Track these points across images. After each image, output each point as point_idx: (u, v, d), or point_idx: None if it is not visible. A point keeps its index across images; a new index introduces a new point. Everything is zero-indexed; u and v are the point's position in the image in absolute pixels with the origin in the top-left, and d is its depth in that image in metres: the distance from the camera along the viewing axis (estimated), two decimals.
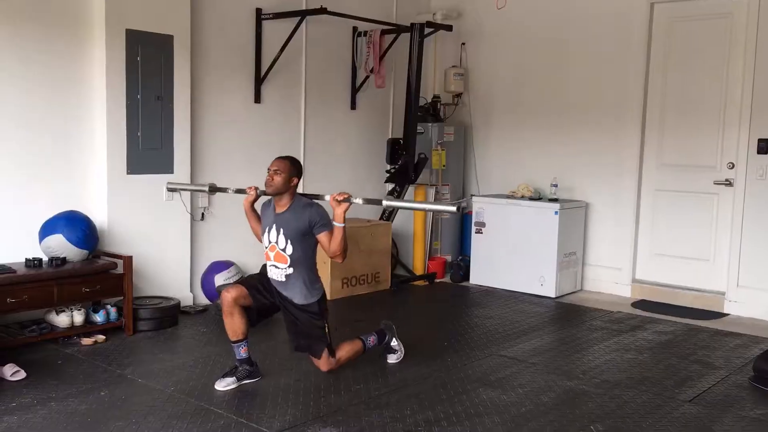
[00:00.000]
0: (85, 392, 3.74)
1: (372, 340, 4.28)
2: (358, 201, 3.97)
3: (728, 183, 5.87)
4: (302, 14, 5.90)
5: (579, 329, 5.32)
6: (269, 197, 4.06)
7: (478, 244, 6.70)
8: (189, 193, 5.41)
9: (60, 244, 4.54)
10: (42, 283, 4.38)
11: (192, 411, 3.54)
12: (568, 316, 5.77)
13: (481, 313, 5.78)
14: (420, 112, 6.77)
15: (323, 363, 4.02)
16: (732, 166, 5.85)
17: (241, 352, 3.96)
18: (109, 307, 4.74)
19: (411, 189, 6.69)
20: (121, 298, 4.75)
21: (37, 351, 4.35)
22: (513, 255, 6.44)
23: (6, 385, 3.80)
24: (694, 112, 6.04)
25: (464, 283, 6.78)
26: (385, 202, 4.19)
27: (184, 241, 5.47)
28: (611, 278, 6.49)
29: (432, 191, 6.89)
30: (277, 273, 3.97)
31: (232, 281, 5.53)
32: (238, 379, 3.92)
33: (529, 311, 5.81)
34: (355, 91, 6.80)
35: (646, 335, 5.15)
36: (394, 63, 6.98)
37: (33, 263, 4.47)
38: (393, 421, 3.48)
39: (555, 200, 6.40)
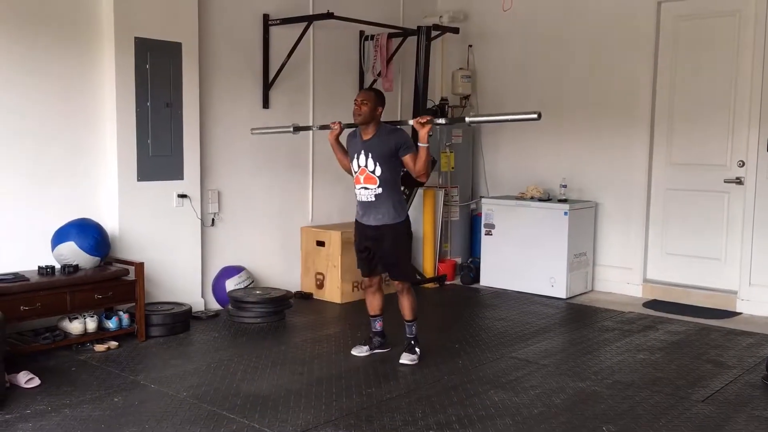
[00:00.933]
0: (98, 398, 3.77)
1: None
2: (441, 121, 4.46)
3: (739, 181, 5.85)
4: (309, 19, 5.92)
5: (590, 330, 5.31)
6: (352, 129, 4.47)
7: (488, 245, 6.69)
8: (199, 198, 5.45)
9: (72, 252, 4.57)
10: (55, 290, 4.41)
11: (205, 416, 3.55)
12: (579, 317, 5.75)
13: (492, 314, 5.77)
14: (428, 114, 6.77)
15: (406, 286, 4.46)
16: (742, 164, 5.83)
17: (377, 325, 4.59)
18: (121, 313, 4.77)
19: (420, 192, 6.70)
20: (133, 304, 4.78)
21: (51, 358, 4.38)
22: (523, 256, 6.43)
23: (20, 392, 3.83)
24: (703, 111, 6.02)
25: (474, 285, 6.78)
26: (468, 119, 4.37)
27: (195, 246, 5.49)
28: (622, 278, 6.47)
29: (441, 194, 6.89)
30: (367, 194, 4.34)
31: (243, 286, 5.57)
32: (371, 348, 4.55)
33: (539, 312, 5.80)
34: None
35: (658, 335, 5.13)
36: (401, 66, 6.99)
37: (46, 271, 4.50)
38: (405, 424, 3.48)
39: (564, 201, 6.39)
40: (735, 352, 4.75)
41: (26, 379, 3.91)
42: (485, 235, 6.70)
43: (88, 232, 4.64)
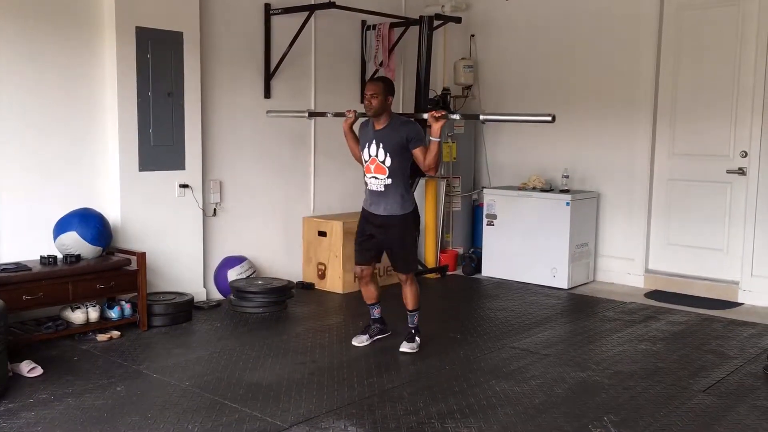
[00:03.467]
0: (101, 387, 3.78)
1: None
2: (456, 117, 4.56)
3: (741, 172, 5.84)
4: (311, 9, 5.90)
5: (592, 320, 5.31)
6: (365, 119, 4.45)
7: (489, 236, 6.69)
8: (201, 188, 5.45)
9: (74, 242, 4.58)
10: (57, 280, 4.42)
11: (207, 405, 3.56)
12: (580, 307, 5.76)
13: (494, 305, 5.78)
14: (430, 104, 6.75)
15: (410, 278, 4.44)
16: (745, 154, 5.81)
17: (375, 312, 4.60)
18: (123, 303, 4.78)
19: (422, 182, 6.69)
20: (135, 294, 4.79)
21: (54, 347, 4.39)
22: (525, 247, 6.43)
23: (23, 381, 3.84)
24: (706, 101, 6.00)
25: (476, 276, 6.78)
26: (482, 117, 4.39)
27: (197, 236, 5.50)
28: (624, 269, 6.47)
29: (443, 184, 6.89)
30: (377, 183, 4.34)
31: (245, 276, 5.58)
32: (371, 336, 4.55)
33: (541, 303, 5.81)
34: (364, 84, 6.77)
35: (659, 326, 5.14)
36: (403, 56, 6.97)
37: (48, 261, 4.51)
38: (406, 413, 3.49)
39: (566, 191, 6.38)
40: (736, 342, 4.75)
41: (29, 369, 3.93)
42: (487, 225, 6.70)
43: (90, 222, 4.64)
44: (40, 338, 4.38)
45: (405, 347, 4.42)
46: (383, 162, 4.29)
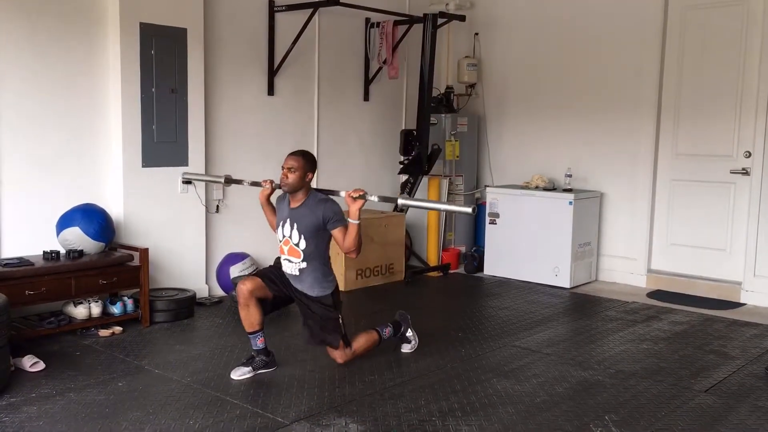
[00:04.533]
0: (103, 383, 3.79)
1: (387, 331, 4.30)
2: (374, 198, 3.91)
3: (745, 172, 5.82)
4: (315, 6, 5.90)
5: (594, 320, 5.31)
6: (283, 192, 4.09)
7: (492, 234, 6.69)
8: (204, 185, 5.44)
9: (77, 237, 4.58)
10: (60, 275, 4.43)
11: (208, 401, 3.57)
12: (582, 306, 5.75)
13: (495, 303, 5.77)
14: (433, 102, 6.75)
15: (339, 354, 4.05)
16: (749, 154, 5.80)
17: (258, 342, 4.00)
18: (125, 298, 4.79)
19: (425, 180, 6.69)
20: (138, 289, 4.80)
21: (56, 342, 4.40)
22: (527, 246, 6.42)
23: (25, 376, 3.85)
24: (710, 101, 5.99)
25: (478, 274, 6.78)
26: (400, 201, 4.07)
27: (199, 233, 5.50)
28: (626, 269, 6.46)
29: (446, 182, 6.88)
30: (291, 267, 3.98)
31: (247, 273, 5.57)
32: (254, 369, 3.97)
33: (543, 302, 5.81)
34: (368, 82, 6.79)
35: (661, 325, 5.13)
36: (407, 54, 6.97)
37: (51, 256, 4.52)
38: (407, 411, 3.50)
39: (569, 190, 6.38)
40: (738, 342, 4.75)
41: (31, 363, 3.94)
42: (489, 224, 6.69)
43: (93, 218, 4.65)
44: (42, 333, 4.39)
45: (405, 348, 4.41)
46: (297, 245, 3.91)
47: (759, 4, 5.66)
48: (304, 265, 3.94)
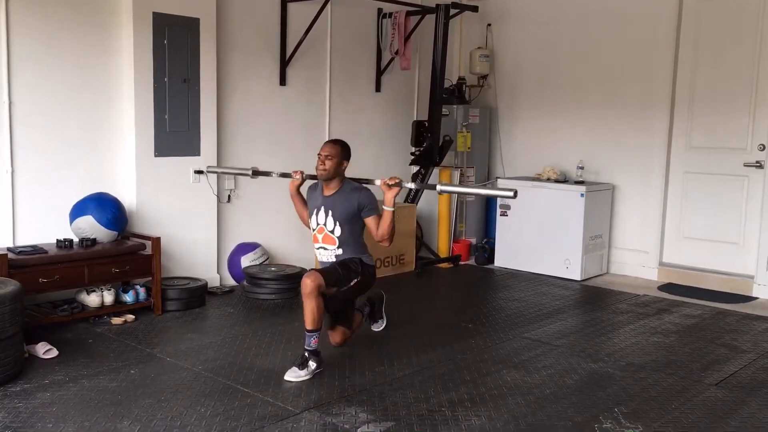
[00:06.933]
0: (115, 370, 3.82)
1: (367, 310, 4.47)
2: (410, 185, 3.98)
3: (759, 165, 5.78)
4: None
5: (604, 312, 5.30)
6: (314, 181, 4.13)
7: (503, 226, 6.68)
8: (216, 175, 5.46)
9: (90, 226, 4.62)
10: (73, 263, 4.47)
11: (219, 389, 3.59)
12: (593, 299, 5.74)
13: (506, 295, 5.77)
14: (445, 94, 6.74)
15: (341, 333, 4.18)
16: (763, 147, 5.76)
17: (313, 342, 3.82)
18: (138, 287, 4.82)
19: (436, 171, 6.68)
20: (150, 278, 4.83)
21: (69, 330, 4.44)
22: (538, 238, 6.41)
23: (39, 362, 3.89)
24: (724, 94, 5.94)
25: (489, 266, 6.78)
26: (439, 187, 4.01)
27: (211, 222, 5.53)
28: (638, 261, 6.44)
29: (457, 173, 6.87)
30: (327, 254, 4.03)
31: (258, 263, 5.61)
32: (310, 372, 3.76)
33: (553, 294, 5.80)
34: (379, 73, 6.78)
35: (672, 318, 5.12)
36: (419, 45, 6.95)
37: (64, 244, 4.55)
38: (417, 401, 3.51)
39: (581, 183, 6.35)
40: (750, 336, 4.72)
41: (44, 350, 3.98)
42: (500, 215, 6.68)
43: (106, 207, 4.68)
44: (55, 320, 4.43)
45: (375, 327, 4.54)
46: (332, 231, 3.96)
47: None
48: (340, 251, 3.99)
